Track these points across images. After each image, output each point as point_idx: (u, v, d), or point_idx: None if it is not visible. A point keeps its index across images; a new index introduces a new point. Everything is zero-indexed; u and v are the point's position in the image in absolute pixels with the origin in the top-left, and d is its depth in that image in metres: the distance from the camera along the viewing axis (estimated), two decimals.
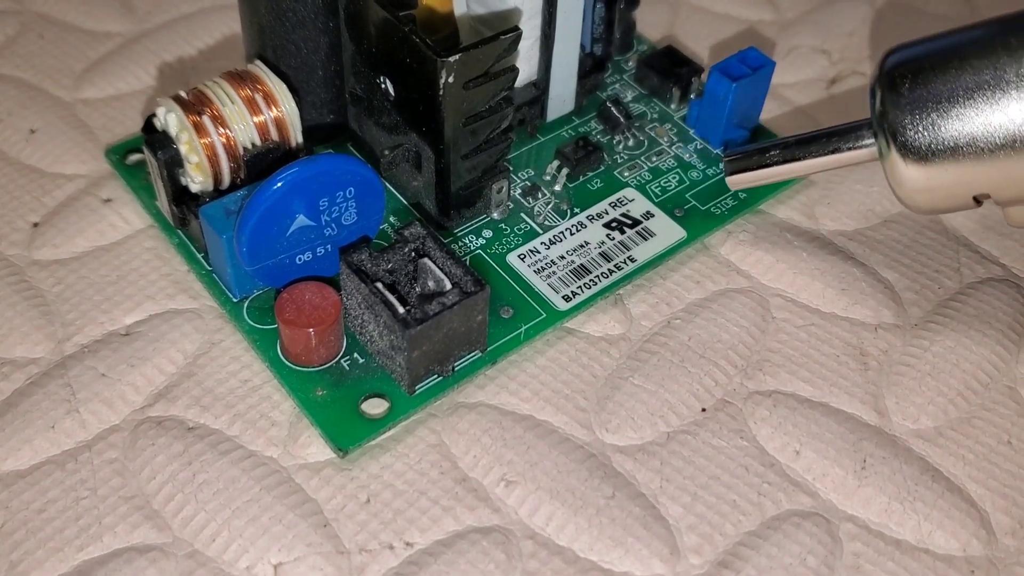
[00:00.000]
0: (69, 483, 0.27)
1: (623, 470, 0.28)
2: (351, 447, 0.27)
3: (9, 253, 0.32)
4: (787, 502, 0.28)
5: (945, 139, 0.27)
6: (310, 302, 0.28)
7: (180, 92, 0.30)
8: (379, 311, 0.27)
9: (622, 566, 0.26)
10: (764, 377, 0.30)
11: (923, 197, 0.29)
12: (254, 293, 0.30)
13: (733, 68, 0.34)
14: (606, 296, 0.31)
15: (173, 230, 0.32)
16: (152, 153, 0.30)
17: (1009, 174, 0.27)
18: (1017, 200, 0.28)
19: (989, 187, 0.28)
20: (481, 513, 0.27)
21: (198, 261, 0.31)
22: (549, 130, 0.36)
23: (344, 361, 0.29)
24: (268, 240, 0.29)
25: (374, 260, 0.28)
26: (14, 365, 0.29)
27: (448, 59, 0.28)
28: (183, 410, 0.29)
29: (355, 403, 0.28)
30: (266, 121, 0.30)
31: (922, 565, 0.27)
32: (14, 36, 0.40)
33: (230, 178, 0.30)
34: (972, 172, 0.27)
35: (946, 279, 0.33)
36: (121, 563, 0.26)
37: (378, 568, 0.26)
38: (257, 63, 0.31)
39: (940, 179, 0.28)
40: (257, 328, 0.30)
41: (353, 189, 0.29)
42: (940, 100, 0.27)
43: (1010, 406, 0.30)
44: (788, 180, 0.34)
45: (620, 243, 0.32)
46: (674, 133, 0.36)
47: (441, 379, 0.29)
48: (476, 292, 0.27)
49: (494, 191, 0.32)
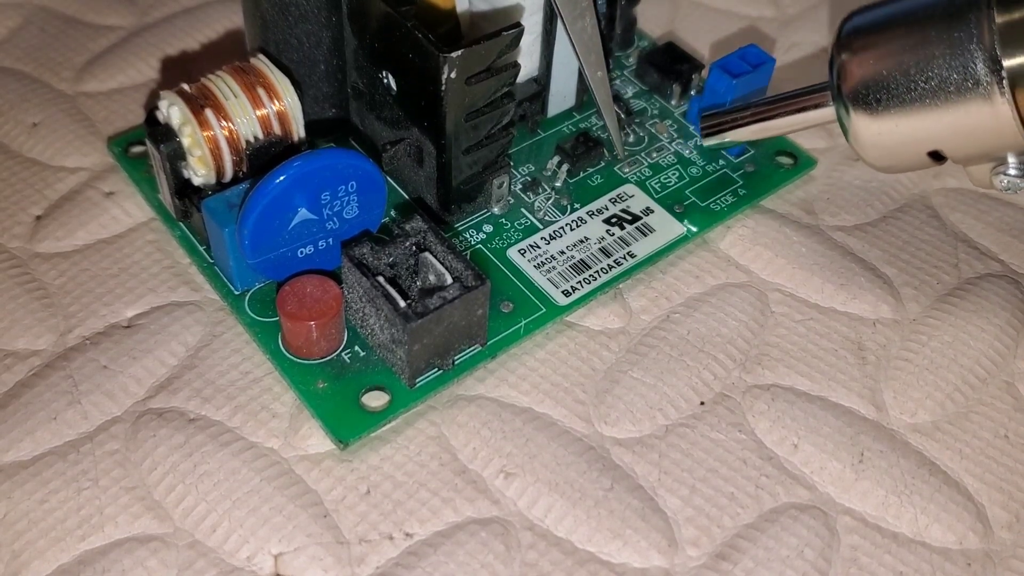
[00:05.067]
0: (71, 474, 0.27)
1: (622, 462, 0.28)
2: (352, 439, 0.28)
3: (11, 246, 0.32)
4: (785, 495, 0.28)
5: (891, 93, 0.29)
6: (311, 295, 0.28)
7: (183, 85, 0.30)
8: (380, 305, 0.27)
9: (620, 557, 0.26)
10: (763, 371, 0.30)
11: (880, 153, 0.30)
12: (256, 286, 0.31)
13: (733, 65, 0.35)
14: (606, 291, 0.32)
15: (175, 222, 0.32)
16: (155, 146, 0.30)
17: (951, 127, 0.28)
18: (970, 158, 0.29)
19: (939, 142, 0.29)
20: (480, 504, 0.27)
21: (200, 253, 0.31)
22: (550, 125, 0.36)
23: (345, 354, 0.29)
24: (270, 233, 0.29)
25: (375, 254, 0.28)
26: (16, 357, 0.30)
27: (450, 55, 0.28)
28: (184, 402, 0.29)
29: (356, 396, 0.28)
30: (268, 115, 0.30)
31: (919, 558, 0.27)
32: (16, 29, 0.40)
33: (232, 171, 0.30)
34: (918, 125, 0.29)
35: (944, 274, 0.33)
36: (122, 553, 0.26)
37: (378, 558, 0.26)
38: (260, 57, 0.31)
39: (892, 134, 0.29)
40: (258, 321, 0.30)
41: (355, 183, 0.29)
42: (885, 57, 0.29)
43: (1007, 401, 0.30)
44: (787, 176, 0.35)
45: (620, 239, 0.33)
46: (674, 129, 0.36)
47: (441, 372, 0.29)
48: (477, 286, 0.28)
49: (495, 186, 0.32)
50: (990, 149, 0.28)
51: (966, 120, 0.28)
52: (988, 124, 0.27)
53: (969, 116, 0.28)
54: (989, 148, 0.28)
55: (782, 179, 0.35)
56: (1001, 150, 0.28)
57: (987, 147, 0.28)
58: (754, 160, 0.35)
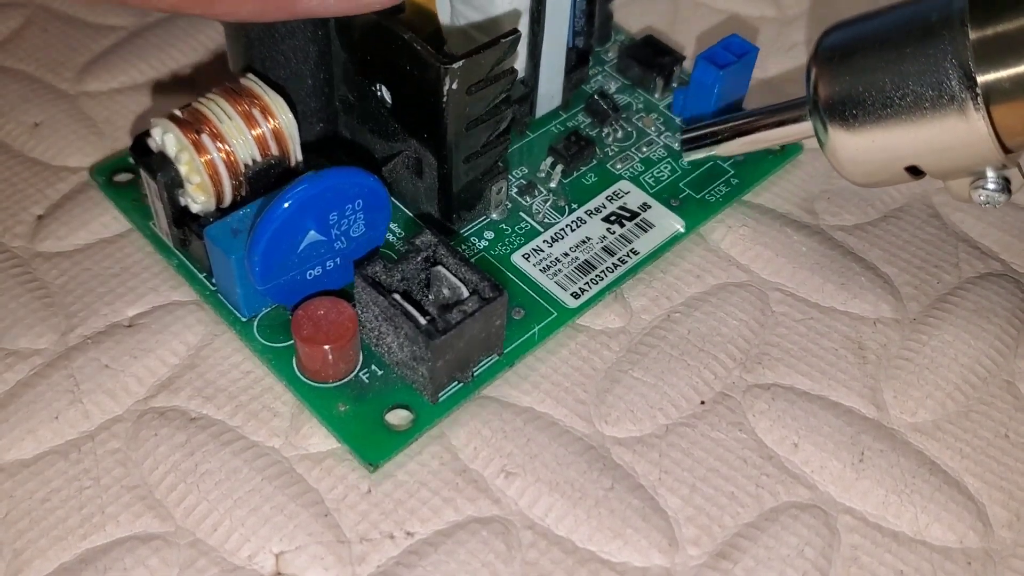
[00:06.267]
0: (72, 473, 0.27)
1: (622, 462, 0.28)
2: (382, 461, 0.27)
3: (13, 245, 0.32)
4: (785, 494, 0.28)
5: (867, 109, 0.29)
6: (326, 317, 0.28)
7: (174, 111, 0.29)
8: (399, 323, 0.27)
9: (620, 556, 0.26)
10: (763, 370, 0.30)
11: (857, 168, 0.30)
12: (262, 311, 0.30)
13: (718, 56, 0.35)
14: (614, 290, 0.32)
15: (171, 251, 0.31)
16: (151, 176, 0.29)
17: (927, 142, 0.28)
18: (948, 173, 0.29)
19: (916, 158, 0.29)
20: (481, 504, 0.27)
21: (200, 282, 0.31)
22: (538, 126, 0.36)
23: (363, 374, 0.29)
24: (280, 257, 0.28)
25: (388, 271, 0.28)
26: (18, 356, 0.30)
27: (452, 66, 0.27)
28: (186, 401, 0.29)
29: (379, 416, 0.28)
30: (264, 134, 0.29)
31: (919, 557, 0.27)
32: (18, 29, 0.40)
33: (232, 196, 0.29)
34: (895, 141, 0.29)
35: (945, 274, 0.33)
36: (124, 552, 0.26)
37: (379, 557, 0.26)
38: (250, 76, 0.30)
39: (868, 150, 0.29)
40: (270, 347, 0.29)
41: (361, 200, 0.29)
42: (861, 73, 0.29)
43: (1008, 400, 0.30)
44: (776, 162, 0.36)
45: (621, 236, 0.33)
46: (661, 122, 0.36)
47: (462, 385, 0.29)
48: (495, 297, 0.27)
49: (493, 192, 0.32)
50: (967, 164, 0.28)
51: (942, 136, 0.28)
52: (964, 140, 0.28)
53: (945, 132, 0.28)
54: (966, 163, 0.28)
55: (771, 166, 0.35)
56: (978, 165, 0.28)
57: (964, 162, 0.28)
58: None
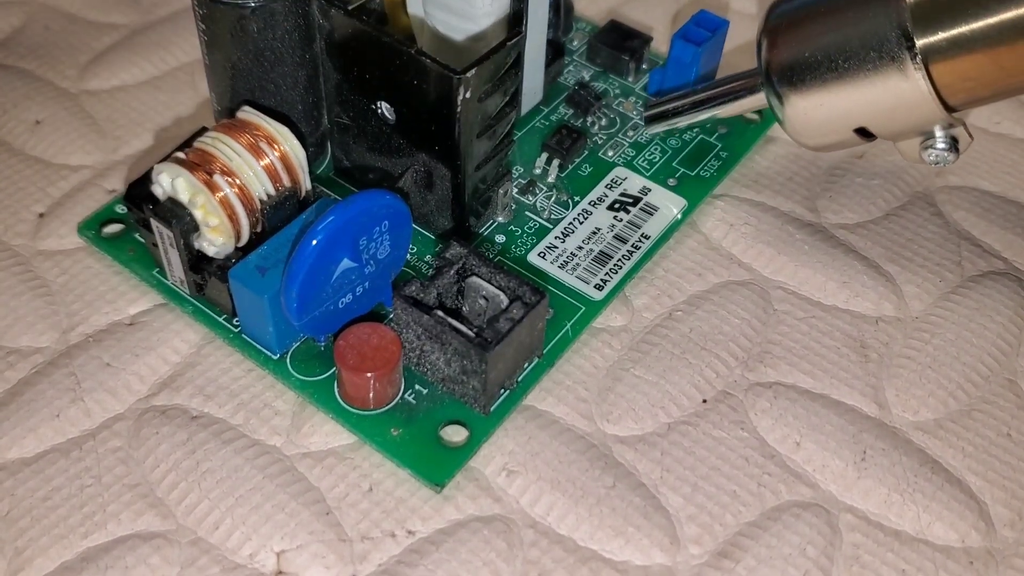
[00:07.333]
0: (74, 471, 0.27)
1: (624, 460, 0.28)
2: (446, 479, 0.27)
3: (15, 243, 0.33)
4: (787, 493, 0.28)
5: (814, 73, 0.30)
6: (369, 344, 0.27)
7: (178, 154, 0.28)
8: (448, 339, 0.27)
9: (622, 555, 0.26)
10: (765, 369, 0.30)
11: (808, 132, 0.31)
12: (292, 347, 0.29)
13: (693, 33, 0.36)
14: (633, 277, 0.32)
15: (183, 299, 0.30)
16: (165, 225, 0.28)
17: (873, 103, 0.29)
18: (896, 134, 0.30)
19: (863, 119, 0.30)
20: (482, 502, 0.27)
21: (221, 325, 0.30)
22: (523, 124, 0.36)
23: (408, 395, 0.28)
24: (316, 290, 0.27)
25: (425, 289, 0.28)
26: (19, 354, 0.30)
27: (465, 75, 0.27)
28: (187, 399, 0.29)
29: (434, 435, 0.28)
30: (273, 163, 0.29)
31: (921, 556, 0.27)
32: (20, 27, 0.40)
33: (249, 233, 0.29)
34: (842, 103, 0.30)
35: (947, 272, 0.33)
36: (125, 550, 0.26)
37: (380, 556, 0.26)
38: (246, 109, 0.30)
39: (816, 112, 0.31)
40: (308, 382, 0.29)
41: (387, 221, 0.28)
42: (808, 39, 0.30)
43: (1010, 399, 0.30)
44: (760, 130, 0.37)
45: (629, 223, 0.33)
46: (640, 105, 0.37)
47: (509, 393, 0.29)
48: (538, 301, 0.27)
49: (499, 195, 0.32)
50: (914, 124, 0.29)
51: (886, 96, 0.29)
52: (907, 99, 0.29)
53: (888, 92, 0.29)
54: (912, 123, 0.29)
55: (756, 133, 0.36)
56: (925, 125, 0.29)
57: (910, 122, 0.29)
58: (725, 122, 0.36)
